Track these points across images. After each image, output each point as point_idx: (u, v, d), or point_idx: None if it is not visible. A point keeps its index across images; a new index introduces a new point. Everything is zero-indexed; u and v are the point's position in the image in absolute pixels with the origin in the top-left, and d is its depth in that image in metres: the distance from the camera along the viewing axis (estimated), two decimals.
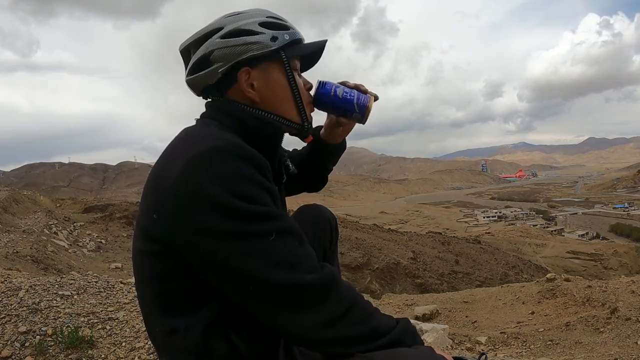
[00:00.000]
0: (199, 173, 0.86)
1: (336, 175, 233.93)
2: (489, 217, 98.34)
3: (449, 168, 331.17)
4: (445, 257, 22.74)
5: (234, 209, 0.84)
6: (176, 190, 0.87)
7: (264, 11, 1.10)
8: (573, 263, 35.17)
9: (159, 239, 0.91)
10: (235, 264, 0.85)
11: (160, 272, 0.94)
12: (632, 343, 3.52)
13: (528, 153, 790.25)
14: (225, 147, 0.89)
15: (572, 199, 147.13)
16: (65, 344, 2.33)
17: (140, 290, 1.02)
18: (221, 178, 0.85)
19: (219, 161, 0.87)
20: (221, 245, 0.85)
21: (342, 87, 1.20)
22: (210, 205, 0.84)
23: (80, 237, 14.50)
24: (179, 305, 0.94)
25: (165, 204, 0.88)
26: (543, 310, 5.29)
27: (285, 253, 0.87)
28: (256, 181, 0.88)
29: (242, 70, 1.04)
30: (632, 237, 68.35)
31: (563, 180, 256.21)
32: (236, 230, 0.84)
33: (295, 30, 1.10)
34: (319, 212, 1.37)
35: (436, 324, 4.63)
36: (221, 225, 0.84)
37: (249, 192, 0.86)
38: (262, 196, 0.88)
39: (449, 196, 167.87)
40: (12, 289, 2.81)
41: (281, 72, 1.08)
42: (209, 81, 1.06)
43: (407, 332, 0.96)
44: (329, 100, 1.19)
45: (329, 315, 0.87)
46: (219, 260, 0.86)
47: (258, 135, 1.03)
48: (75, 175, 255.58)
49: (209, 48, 1.03)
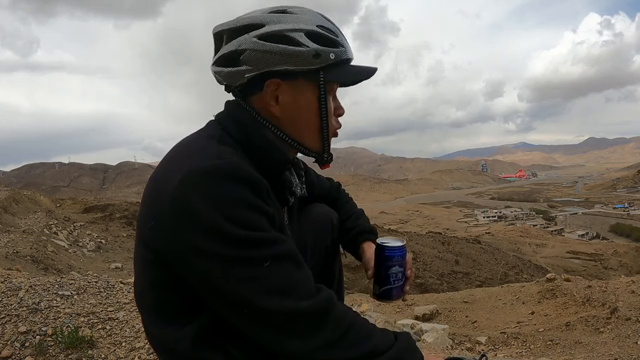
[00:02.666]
0: (193, 194, 0.83)
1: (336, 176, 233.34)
2: (489, 217, 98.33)
3: (449, 168, 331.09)
4: (445, 257, 22.75)
5: (228, 235, 0.81)
6: (171, 208, 0.84)
7: (315, 17, 0.98)
8: (573, 263, 35.16)
9: (154, 248, 0.90)
10: (228, 288, 0.84)
11: (156, 280, 0.93)
12: (632, 343, 3.52)
13: (528, 153, 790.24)
14: (221, 167, 0.85)
15: (572, 199, 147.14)
16: (65, 344, 2.33)
17: (137, 293, 1.02)
18: (215, 201, 0.82)
19: (214, 183, 0.83)
20: (214, 268, 0.83)
21: (398, 269, 1.13)
22: (204, 228, 0.82)
23: (80, 237, 14.50)
24: (173, 314, 0.94)
25: (160, 218, 0.87)
26: (543, 310, 5.28)
27: (279, 280, 0.84)
28: (252, 205, 0.84)
29: (272, 81, 0.95)
30: (632, 237, 68.31)
31: (563, 180, 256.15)
32: (230, 255, 0.82)
33: (344, 49, 0.99)
34: (320, 211, 1.35)
35: (436, 324, 4.63)
36: (214, 249, 0.82)
37: (244, 217, 0.83)
38: (258, 221, 0.84)
39: (449, 196, 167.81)
40: (12, 289, 2.81)
41: (314, 94, 0.97)
42: (234, 81, 0.99)
43: (407, 349, 0.93)
44: (379, 261, 1.13)
45: (325, 339, 0.85)
46: (212, 281, 0.84)
47: (263, 157, 0.96)
48: (75, 175, 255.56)
49: (242, 45, 0.94)
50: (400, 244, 1.12)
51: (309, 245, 1.26)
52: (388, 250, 1.10)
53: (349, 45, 1.01)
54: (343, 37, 1.00)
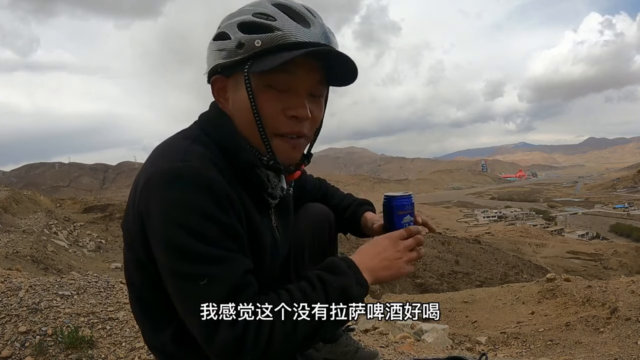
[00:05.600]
0: (153, 194, 0.84)
1: (336, 176, 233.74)
2: (489, 217, 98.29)
3: (449, 168, 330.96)
4: (445, 257, 22.74)
5: (176, 242, 0.82)
6: (137, 206, 0.88)
7: (261, 5, 0.91)
8: (573, 263, 35.13)
9: (134, 247, 0.93)
10: (172, 290, 0.87)
11: (141, 280, 0.96)
12: (632, 343, 3.52)
13: (528, 153, 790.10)
14: (182, 171, 0.83)
15: (572, 199, 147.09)
16: (65, 344, 2.33)
17: (129, 295, 1.05)
18: (170, 204, 0.82)
19: (171, 186, 0.83)
20: (163, 267, 0.86)
21: (409, 218, 1.07)
22: (159, 229, 0.84)
23: (80, 237, 14.50)
24: (158, 315, 0.96)
25: (130, 218, 0.92)
26: (543, 310, 5.28)
27: (207, 302, 0.82)
28: (206, 214, 0.82)
29: (215, 77, 0.95)
30: (632, 237, 68.28)
31: (563, 180, 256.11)
32: (173, 266, 0.84)
33: (282, 32, 0.87)
34: (317, 211, 1.36)
35: (436, 324, 4.63)
36: (163, 253, 0.85)
37: (194, 225, 0.81)
38: (208, 231, 0.82)
39: (449, 196, 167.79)
40: (12, 289, 2.81)
41: (245, 89, 0.90)
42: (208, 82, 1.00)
43: (330, 286, 0.88)
44: (390, 214, 1.07)
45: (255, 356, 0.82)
46: (166, 281, 0.88)
47: (233, 157, 0.93)
48: (75, 175, 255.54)
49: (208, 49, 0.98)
50: (408, 193, 1.10)
51: (307, 244, 1.28)
52: (398, 200, 1.07)
53: (300, 27, 0.88)
54: (290, 20, 0.88)
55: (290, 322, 0.83)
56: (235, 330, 0.80)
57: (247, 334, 0.81)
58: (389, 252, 0.97)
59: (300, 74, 0.90)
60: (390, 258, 0.97)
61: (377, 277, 0.94)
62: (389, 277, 0.96)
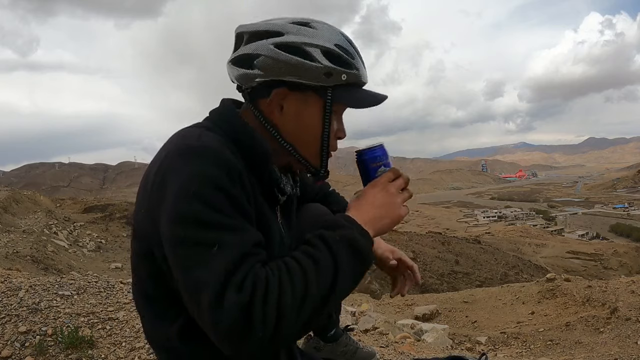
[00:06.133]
0: (169, 169, 0.86)
1: (336, 176, 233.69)
2: (489, 217, 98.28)
3: (449, 168, 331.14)
4: (445, 257, 22.74)
5: (189, 210, 0.81)
6: (152, 184, 0.88)
7: (336, 35, 0.98)
8: (573, 263, 35.14)
9: (144, 236, 0.92)
10: (180, 270, 0.82)
11: (148, 274, 0.95)
12: (632, 343, 3.52)
13: (528, 153, 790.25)
14: (199, 149, 0.86)
15: (572, 199, 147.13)
16: (65, 344, 2.33)
17: (133, 289, 1.04)
18: (186, 177, 0.83)
19: (187, 161, 0.85)
20: (172, 241, 0.83)
21: (384, 169, 1.02)
22: (172, 200, 0.83)
23: (80, 237, 14.51)
24: (164, 309, 0.95)
25: (145, 202, 0.90)
26: (543, 310, 5.29)
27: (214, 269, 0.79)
28: (221, 187, 0.83)
29: (280, 90, 0.96)
30: (632, 237, 68.27)
31: (563, 180, 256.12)
32: (184, 233, 0.81)
33: (358, 72, 0.99)
34: (317, 212, 1.37)
35: (436, 324, 4.63)
36: (175, 223, 0.82)
37: (209, 196, 0.82)
38: (223, 203, 0.83)
39: (449, 196, 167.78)
40: (12, 289, 2.81)
41: (319, 111, 0.98)
42: (245, 82, 1.00)
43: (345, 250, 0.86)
44: (364, 168, 1.03)
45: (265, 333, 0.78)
46: (172, 260, 0.84)
47: (249, 149, 0.95)
48: (75, 175, 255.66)
49: (258, 49, 0.96)
50: (379, 143, 1.06)
51: None
52: (369, 153, 1.03)
53: (364, 69, 1.01)
54: (360, 60, 1.00)
55: (301, 283, 0.80)
56: (242, 295, 0.77)
57: (255, 297, 0.77)
58: (381, 198, 0.96)
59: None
60: (384, 204, 0.95)
61: (377, 229, 0.93)
62: (388, 225, 0.95)
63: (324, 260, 0.83)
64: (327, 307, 0.85)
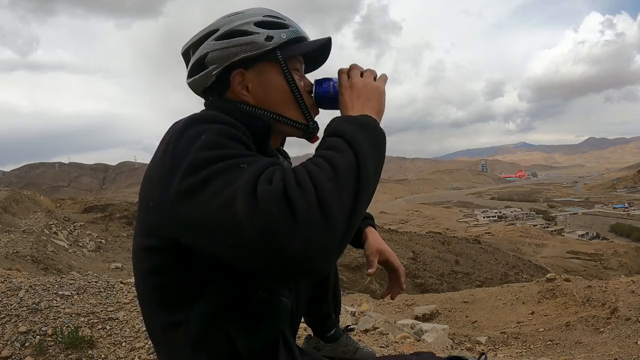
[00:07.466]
0: (177, 141, 0.86)
1: None
2: (489, 217, 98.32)
3: (449, 168, 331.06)
4: (445, 257, 22.76)
5: (205, 155, 0.81)
6: (161, 164, 0.87)
7: (262, 10, 1.07)
8: (573, 263, 35.16)
9: (154, 228, 0.90)
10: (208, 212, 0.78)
11: (157, 267, 0.94)
12: (632, 343, 3.52)
13: (528, 153, 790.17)
14: (207, 115, 0.92)
15: (572, 199, 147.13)
16: (65, 344, 2.33)
17: (139, 287, 1.02)
18: (196, 135, 0.85)
19: (196, 124, 0.88)
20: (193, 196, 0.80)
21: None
22: (186, 155, 0.82)
23: (80, 237, 14.52)
24: (177, 300, 0.94)
25: (155, 184, 0.88)
26: (543, 310, 5.29)
27: (258, 176, 0.78)
28: (232, 135, 0.86)
29: (235, 72, 1.02)
30: (632, 237, 68.31)
31: (563, 180, 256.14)
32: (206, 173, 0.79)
33: (295, 28, 1.07)
34: None
35: (436, 324, 4.63)
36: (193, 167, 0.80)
37: (220, 141, 0.84)
38: (234, 145, 0.85)
39: (449, 196, 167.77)
40: (12, 289, 2.81)
41: (278, 74, 1.04)
42: (205, 84, 1.06)
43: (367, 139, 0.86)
44: (328, 99, 1.08)
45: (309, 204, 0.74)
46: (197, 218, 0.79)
47: (247, 127, 0.96)
48: (75, 175, 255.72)
49: (204, 51, 1.03)
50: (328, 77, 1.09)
51: None
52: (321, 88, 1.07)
53: (300, 27, 1.08)
54: (292, 21, 1.08)
55: (326, 164, 0.79)
56: (274, 184, 0.75)
57: (288, 183, 0.75)
58: (358, 85, 1.00)
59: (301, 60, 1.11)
60: (364, 88, 1.00)
61: (368, 109, 0.97)
62: (377, 107, 0.98)
63: (337, 142, 0.84)
64: (361, 193, 0.80)
